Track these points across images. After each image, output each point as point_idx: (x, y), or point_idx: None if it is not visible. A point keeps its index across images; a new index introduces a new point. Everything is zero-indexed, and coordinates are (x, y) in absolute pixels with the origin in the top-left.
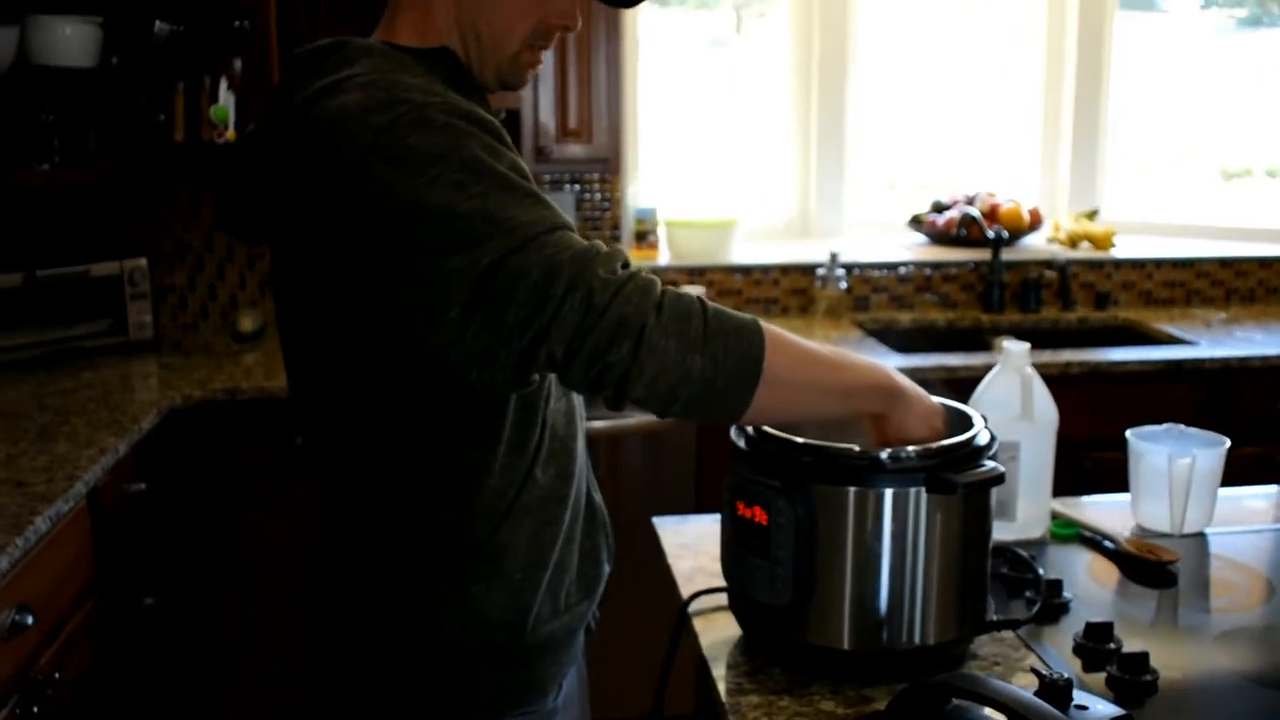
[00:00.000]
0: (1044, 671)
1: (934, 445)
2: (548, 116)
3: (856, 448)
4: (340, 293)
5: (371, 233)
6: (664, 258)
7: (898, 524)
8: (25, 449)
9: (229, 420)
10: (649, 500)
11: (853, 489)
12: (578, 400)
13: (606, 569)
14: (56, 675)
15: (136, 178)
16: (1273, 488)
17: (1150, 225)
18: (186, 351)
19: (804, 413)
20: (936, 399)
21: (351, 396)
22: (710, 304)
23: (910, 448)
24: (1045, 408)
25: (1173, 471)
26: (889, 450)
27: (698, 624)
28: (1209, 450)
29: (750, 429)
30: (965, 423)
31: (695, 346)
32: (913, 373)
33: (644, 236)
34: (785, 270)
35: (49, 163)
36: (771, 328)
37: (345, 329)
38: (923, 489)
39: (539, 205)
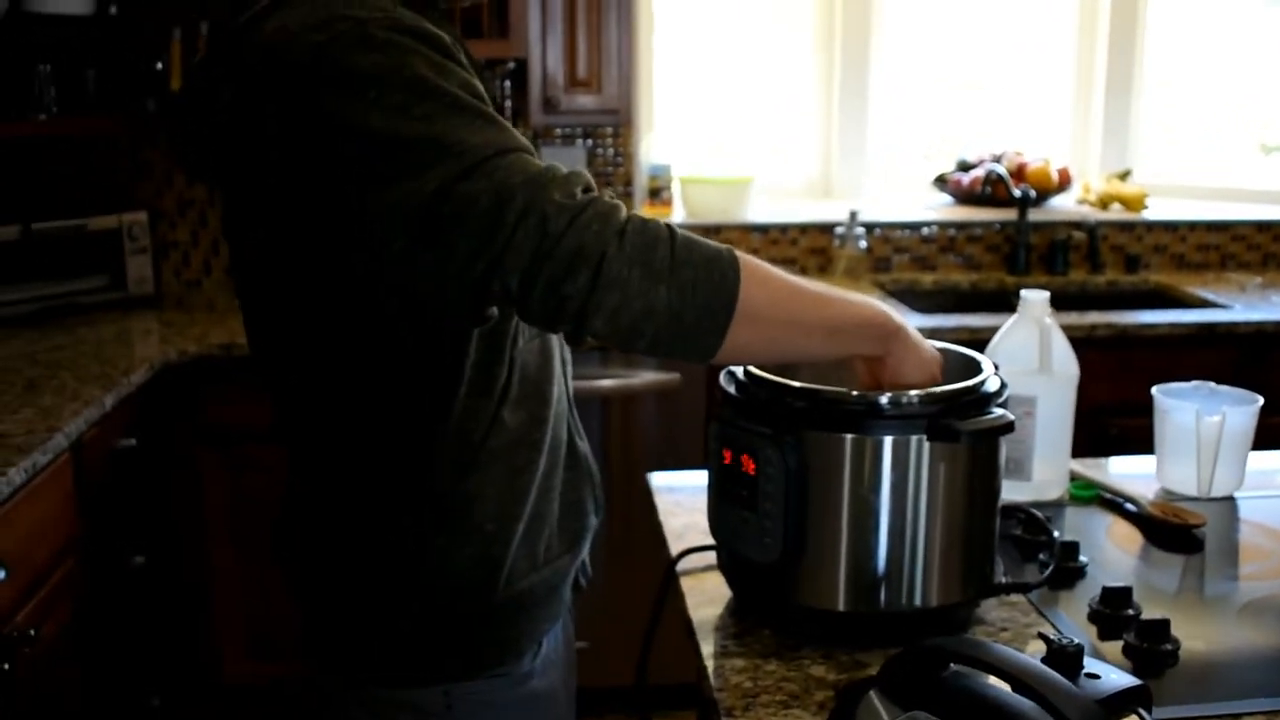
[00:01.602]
0: (1053, 637)
1: (937, 390)
2: (555, 66)
3: (853, 392)
4: (283, 230)
5: (310, 162)
6: (678, 215)
7: (897, 475)
8: (9, 402)
9: (224, 376)
10: (663, 460)
11: (848, 436)
12: (557, 340)
13: (593, 521)
14: (33, 633)
15: (135, 129)
16: None
17: (1184, 188)
18: (189, 308)
19: (786, 352)
20: (941, 344)
21: (302, 343)
22: (681, 231)
23: (912, 392)
24: (1065, 360)
25: (1201, 430)
26: (888, 394)
27: (686, 584)
28: (1240, 408)
29: (741, 372)
30: (973, 369)
31: (661, 277)
32: (932, 334)
33: (658, 193)
34: (804, 229)
35: (45, 113)
36: (749, 258)
37: (290, 269)
38: (924, 437)
39: (491, 126)
